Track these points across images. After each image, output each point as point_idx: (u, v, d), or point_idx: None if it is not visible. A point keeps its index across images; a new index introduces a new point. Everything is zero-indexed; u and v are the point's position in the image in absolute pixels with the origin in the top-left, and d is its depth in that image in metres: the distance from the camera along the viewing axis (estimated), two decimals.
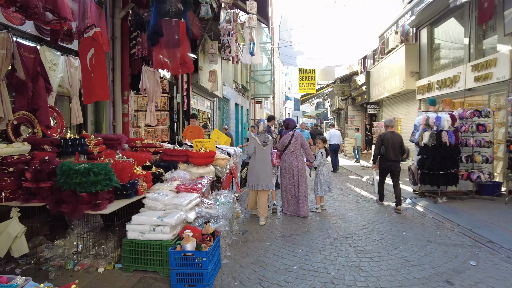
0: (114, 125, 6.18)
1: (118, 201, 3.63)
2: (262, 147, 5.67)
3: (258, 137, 5.71)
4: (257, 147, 5.71)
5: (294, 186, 5.94)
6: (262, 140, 5.68)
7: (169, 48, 5.17)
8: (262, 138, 5.69)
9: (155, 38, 4.85)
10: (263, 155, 5.69)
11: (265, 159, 5.69)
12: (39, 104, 4.21)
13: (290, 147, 6.01)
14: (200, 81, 11.13)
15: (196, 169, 5.36)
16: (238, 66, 22.10)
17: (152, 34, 4.78)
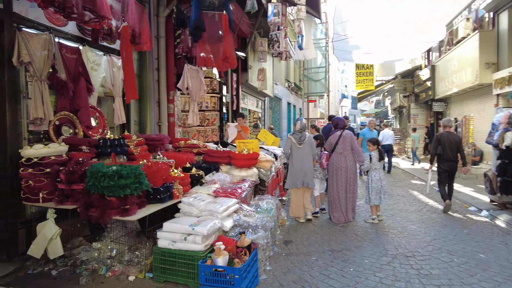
0: (160, 125, 6.12)
1: (150, 206, 3.42)
2: (298, 145, 5.62)
3: (294, 136, 5.68)
4: (293, 146, 5.67)
5: (342, 190, 5.59)
6: (297, 139, 5.63)
7: (212, 43, 4.91)
8: (297, 137, 5.65)
9: (198, 33, 4.61)
10: (300, 154, 5.61)
11: (303, 157, 5.59)
12: (80, 105, 4.20)
13: (338, 148, 5.67)
14: (250, 80, 10.87)
15: (238, 171, 5.04)
16: (291, 65, 21.59)
17: (194, 29, 4.55)
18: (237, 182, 4.72)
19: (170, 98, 6.28)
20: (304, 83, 23.56)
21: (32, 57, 3.61)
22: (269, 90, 14.04)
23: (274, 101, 17.75)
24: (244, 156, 5.02)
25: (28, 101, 3.67)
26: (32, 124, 3.73)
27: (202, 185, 4.39)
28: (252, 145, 5.44)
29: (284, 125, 19.76)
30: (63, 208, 3.30)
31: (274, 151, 6.92)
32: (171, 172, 3.97)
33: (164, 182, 3.64)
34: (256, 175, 5.16)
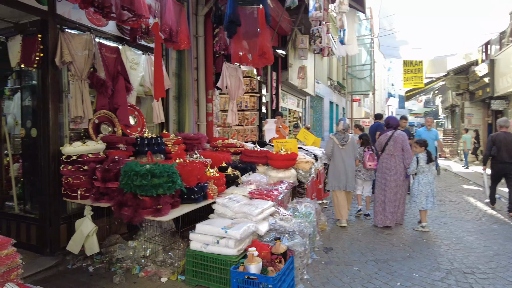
0: (198, 125, 6.09)
1: (183, 206, 3.33)
2: (341, 146, 5.50)
3: (336, 137, 5.58)
4: (335, 147, 5.56)
5: (391, 193, 5.32)
6: (340, 140, 5.52)
7: (248, 38, 4.74)
8: (340, 138, 5.54)
9: (233, 28, 4.48)
10: (342, 155, 5.49)
11: (344, 159, 5.48)
12: (118, 103, 4.24)
13: (388, 149, 5.43)
14: (290, 79, 10.60)
15: (275, 172, 4.83)
16: (334, 62, 20.94)
17: (229, 24, 4.42)
18: (274, 183, 4.52)
19: (208, 97, 6.24)
20: (348, 81, 22.72)
21: (74, 57, 3.68)
22: (310, 89, 13.66)
23: (315, 100, 17.29)
24: (281, 157, 4.81)
25: (70, 100, 3.75)
26: (73, 123, 3.81)
27: (238, 186, 4.25)
28: (290, 145, 5.21)
29: (326, 125, 19.21)
30: (98, 206, 3.31)
31: (314, 151, 6.63)
32: (206, 171, 3.87)
33: (199, 182, 3.53)
34: (294, 177, 4.93)
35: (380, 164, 5.49)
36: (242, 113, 10.26)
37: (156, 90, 3.81)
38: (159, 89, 3.73)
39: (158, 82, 3.73)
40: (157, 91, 3.76)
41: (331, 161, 5.66)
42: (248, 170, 4.74)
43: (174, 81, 5.47)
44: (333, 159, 5.59)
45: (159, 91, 3.73)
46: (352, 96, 23.92)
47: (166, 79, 5.12)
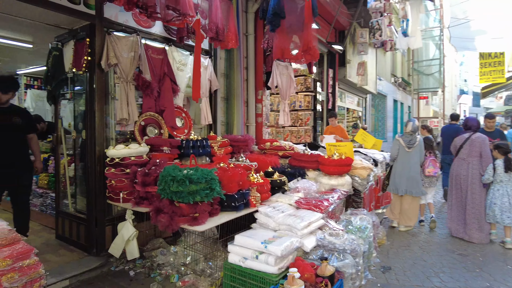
0: (247, 126, 5.89)
1: (223, 214, 3.11)
2: (407, 149, 5.15)
3: (403, 138, 5.23)
4: (401, 150, 5.22)
5: (460, 202, 4.93)
6: (407, 142, 5.17)
7: (292, 32, 4.38)
8: (407, 140, 5.19)
9: (276, 21, 4.17)
10: (408, 158, 5.16)
11: (410, 162, 5.15)
12: (165, 105, 4.19)
13: (462, 153, 4.97)
14: (348, 76, 9.96)
15: (327, 179, 4.42)
16: (398, 58, 19.47)
17: (272, 16, 4.12)
18: (324, 191, 4.11)
19: (258, 97, 6.01)
20: (414, 77, 20.93)
21: (119, 59, 3.69)
22: (371, 86, 12.76)
23: (377, 99, 16.19)
24: (334, 162, 4.37)
25: (116, 102, 3.76)
26: (119, 125, 3.83)
27: (284, 193, 3.93)
28: (345, 149, 4.74)
29: (389, 125, 17.92)
30: (138, 210, 3.24)
31: (374, 155, 6.05)
32: (250, 177, 3.62)
33: (240, 189, 3.29)
34: (348, 185, 4.46)
35: (452, 168, 5.10)
36: (296, 113, 9.89)
37: (194, 91, 3.66)
38: (197, 90, 3.57)
39: (196, 83, 3.58)
40: (194, 92, 3.60)
41: (394, 163, 5.33)
42: (297, 176, 4.40)
43: (222, 82, 5.33)
44: (397, 161, 5.28)
45: (197, 92, 3.57)
46: (418, 94, 22.03)
47: (214, 80, 5.01)
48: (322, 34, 8.42)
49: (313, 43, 4.27)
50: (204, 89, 4.83)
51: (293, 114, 9.96)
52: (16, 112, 3.66)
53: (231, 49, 5.31)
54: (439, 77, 20.08)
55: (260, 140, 5.79)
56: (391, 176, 5.40)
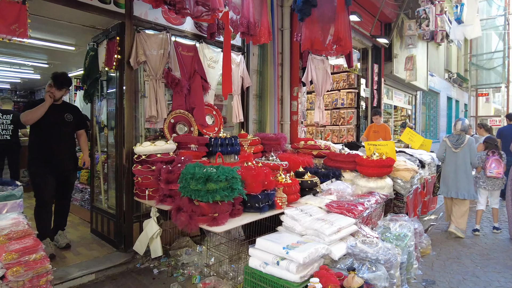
0: (282, 124, 5.69)
1: (245, 215, 2.96)
2: (454, 149, 4.99)
3: (449, 139, 5.11)
4: (447, 150, 5.09)
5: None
6: (453, 142, 5.02)
7: (323, 22, 4.07)
8: (453, 140, 5.03)
9: (307, 9, 3.90)
10: (454, 159, 4.99)
11: (457, 164, 4.96)
12: (195, 103, 4.14)
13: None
14: (395, 71, 9.31)
15: (364, 181, 4.08)
16: (453, 52, 17.98)
17: (303, 4, 3.87)
18: (361, 195, 3.78)
19: (293, 94, 5.77)
20: (472, 73, 19.18)
21: (148, 56, 3.69)
22: (421, 82, 11.87)
23: (429, 96, 15.07)
24: (373, 163, 4.02)
25: (145, 99, 3.78)
26: (148, 122, 3.84)
27: (316, 195, 3.69)
28: (386, 149, 4.35)
29: (443, 124, 16.61)
30: (161, 208, 3.20)
31: (421, 156, 5.54)
32: (278, 177, 3.43)
33: (265, 189, 3.11)
34: (389, 188, 4.07)
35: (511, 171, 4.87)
36: (338, 111, 9.47)
37: (223, 87, 3.54)
38: (227, 85, 3.44)
39: (225, 78, 3.46)
40: (224, 88, 3.49)
41: (443, 164, 5.22)
42: (331, 177, 4.11)
43: (255, 79, 5.18)
44: (445, 162, 5.16)
45: (227, 88, 3.45)
46: (477, 90, 20.17)
47: (246, 77, 4.88)
48: (365, 27, 7.94)
49: (344, 33, 3.93)
50: (236, 86, 4.72)
51: (335, 112, 9.56)
52: (68, 109, 3.82)
53: (264, 45, 5.15)
54: (503, 71, 18.16)
55: (295, 139, 5.57)
56: (440, 178, 5.24)
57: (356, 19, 6.45)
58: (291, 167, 4.00)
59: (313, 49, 3.98)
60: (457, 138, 4.96)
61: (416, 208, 4.87)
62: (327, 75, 5.50)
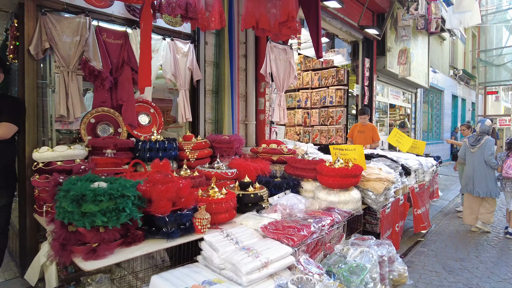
0: (246, 124, 5.00)
1: (147, 243, 2.29)
2: (471, 149, 5.30)
3: (469, 139, 5.43)
4: (467, 150, 5.43)
5: None
6: (471, 142, 5.33)
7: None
8: (471, 140, 5.33)
9: None
10: (471, 159, 5.31)
11: (474, 162, 5.25)
12: (123, 99, 3.49)
13: None
14: (388, 66, 8.53)
15: (324, 193, 3.37)
16: (459, 48, 17.03)
17: None
18: (315, 212, 3.07)
19: (260, 90, 5.08)
20: (480, 70, 18.13)
21: (58, 44, 3.05)
22: (422, 79, 11.04)
23: (432, 94, 14.20)
24: (333, 172, 3.30)
25: (55, 95, 3.13)
26: (59, 122, 3.19)
27: (261, 211, 3.00)
28: (354, 154, 3.64)
29: (447, 124, 15.70)
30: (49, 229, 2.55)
31: (407, 161, 4.82)
32: (210, 190, 2.75)
33: (181, 207, 2.44)
34: (355, 202, 3.35)
35: None
36: (326, 110, 8.75)
37: (139, 78, 2.87)
38: (144, 77, 2.77)
39: (143, 67, 2.79)
40: (141, 79, 2.82)
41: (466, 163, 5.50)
42: (284, 188, 3.41)
43: (211, 72, 4.50)
44: (466, 162, 5.47)
45: (144, 79, 2.77)
46: (485, 88, 19.12)
47: (196, 69, 4.21)
48: (353, 16, 7.19)
49: (294, 14, 3.21)
50: (183, 80, 4.06)
51: (323, 111, 8.84)
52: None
53: (221, 33, 4.47)
54: None
55: (261, 141, 4.88)
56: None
57: (337, 5, 5.72)
58: (242, 175, 3.32)
59: (258, 29, 3.26)
60: (475, 138, 5.24)
61: (396, 224, 4.14)
62: (291, 68, 4.75)
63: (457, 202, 7.26)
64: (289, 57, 4.71)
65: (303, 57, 9.20)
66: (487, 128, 5.21)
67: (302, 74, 9.27)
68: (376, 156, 4.85)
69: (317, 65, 8.99)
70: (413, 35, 10.41)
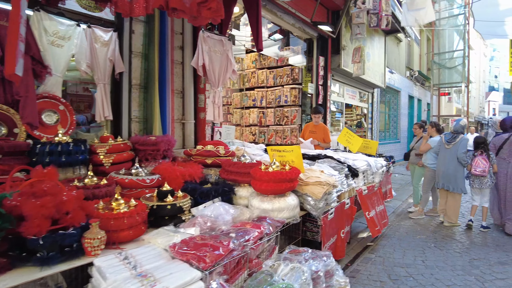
0: (184, 123, 4.55)
1: (13, 274, 1.79)
2: (446, 146, 5.60)
3: (445, 136, 5.71)
4: (441, 146, 5.69)
5: (502, 199, 5.35)
6: (447, 139, 5.64)
7: None
8: (448, 137, 5.64)
9: None
10: (446, 155, 5.60)
11: (447, 158, 5.57)
12: (20, 93, 2.91)
13: (502, 153, 5.36)
14: (343, 65, 8.40)
15: (258, 201, 3.01)
16: (415, 50, 17.57)
17: None
18: (244, 223, 2.69)
19: (200, 86, 4.65)
20: (434, 72, 18.79)
21: None
22: (378, 79, 11.11)
23: (389, 94, 14.44)
24: (266, 176, 2.95)
25: None
26: None
27: (179, 225, 2.57)
28: (292, 156, 3.31)
29: (404, 124, 16.08)
30: None
31: (354, 162, 4.58)
32: (112, 202, 2.29)
33: (65, 225, 1.96)
34: (291, 209, 3.01)
35: (498, 169, 5.35)
36: (281, 109, 8.48)
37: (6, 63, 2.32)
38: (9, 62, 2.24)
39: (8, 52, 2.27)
40: (7, 65, 2.28)
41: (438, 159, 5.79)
42: (212, 196, 3.01)
43: (138, 64, 4.00)
44: (438, 157, 5.73)
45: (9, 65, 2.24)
46: (439, 90, 19.89)
47: (118, 60, 3.70)
48: (305, 12, 6.95)
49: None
50: (102, 72, 3.54)
51: (279, 110, 8.56)
52: None
53: (151, 21, 3.99)
54: (463, 70, 17.89)
55: (201, 142, 4.45)
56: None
57: None
58: (167, 182, 2.87)
59: (169, 9, 2.81)
60: (452, 136, 5.56)
61: (342, 229, 3.87)
62: (228, 62, 4.33)
63: (409, 203, 7.23)
64: (227, 49, 4.28)
65: (258, 55, 8.88)
66: (460, 127, 5.52)
67: (258, 72, 8.95)
68: (323, 157, 4.59)
69: (272, 63, 8.70)
70: (369, 35, 10.44)
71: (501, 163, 5.31)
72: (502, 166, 5.29)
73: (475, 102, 32.28)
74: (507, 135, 5.36)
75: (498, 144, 5.39)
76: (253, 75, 9.01)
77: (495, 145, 5.45)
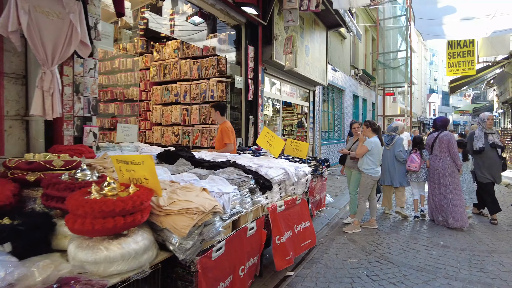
0: (27, 121, 3.22)
1: None
2: (387, 147, 5.94)
3: (384, 138, 5.92)
4: (383, 148, 5.63)
5: (436, 193, 5.64)
6: (386, 141, 5.93)
7: None
8: (387, 139, 6.01)
9: None
10: (387, 155, 5.96)
11: (389, 158, 5.97)
12: None
13: (435, 150, 5.69)
14: (275, 56, 7.45)
15: (75, 246, 1.83)
16: (360, 48, 17.33)
17: None
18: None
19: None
20: (379, 71, 18.78)
21: None
22: (318, 76, 10.38)
23: (332, 92, 13.90)
24: (83, 208, 1.77)
25: None
26: None
27: None
28: (144, 170, 2.15)
29: (348, 124, 15.67)
30: None
31: (268, 171, 3.57)
32: None
33: None
34: (134, 258, 1.87)
35: (431, 165, 5.72)
36: (207, 106, 7.32)
37: None
38: None
39: None
40: None
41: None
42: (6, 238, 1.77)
43: None
44: (382, 157, 5.70)
45: None
46: (384, 90, 20.00)
47: None
48: None
49: None
50: None
51: (204, 107, 7.40)
52: None
53: None
54: (405, 70, 18.03)
55: (50, 148, 3.15)
56: None
57: None
58: None
59: None
60: (390, 137, 6.03)
61: (242, 266, 2.81)
62: (73, 30, 2.83)
63: (347, 211, 6.44)
64: (70, 12, 2.93)
65: (180, 42, 7.65)
66: (392, 129, 6.14)
67: (180, 62, 7.71)
68: (229, 164, 3.52)
69: (196, 52, 7.52)
70: (309, 27, 9.66)
71: (433, 160, 5.70)
72: (435, 162, 5.64)
73: (417, 103, 33.64)
74: (436, 133, 5.70)
75: (430, 142, 5.75)
76: (174, 66, 7.76)
77: (428, 143, 5.85)
